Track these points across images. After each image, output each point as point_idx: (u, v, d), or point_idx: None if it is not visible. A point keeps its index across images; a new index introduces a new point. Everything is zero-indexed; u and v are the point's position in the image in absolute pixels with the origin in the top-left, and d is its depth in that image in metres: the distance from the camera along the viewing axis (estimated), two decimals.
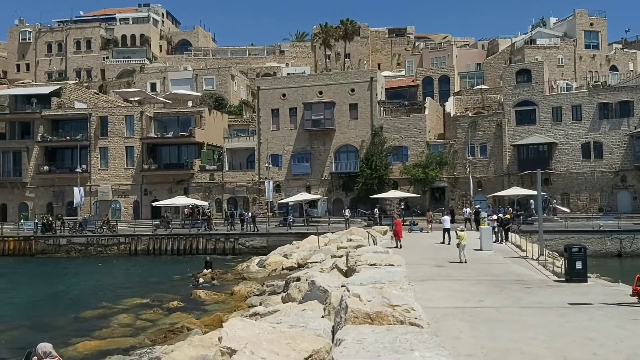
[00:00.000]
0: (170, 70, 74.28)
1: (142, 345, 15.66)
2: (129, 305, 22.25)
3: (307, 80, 55.12)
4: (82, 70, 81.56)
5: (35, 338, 17.27)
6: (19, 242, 43.64)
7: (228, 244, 40.36)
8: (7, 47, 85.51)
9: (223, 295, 23.59)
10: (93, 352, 15.29)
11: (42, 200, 57.16)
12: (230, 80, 70.20)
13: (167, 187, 54.41)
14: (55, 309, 22.87)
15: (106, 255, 41.31)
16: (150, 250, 41.01)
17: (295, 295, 17.50)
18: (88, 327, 18.64)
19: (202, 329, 16.43)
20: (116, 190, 55.81)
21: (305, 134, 52.57)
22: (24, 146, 57.77)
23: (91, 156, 56.27)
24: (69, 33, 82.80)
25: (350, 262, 17.35)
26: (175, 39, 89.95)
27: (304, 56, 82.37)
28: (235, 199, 53.78)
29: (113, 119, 56.38)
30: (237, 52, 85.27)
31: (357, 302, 9.11)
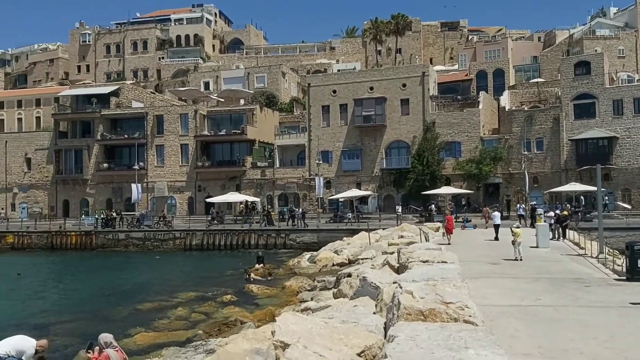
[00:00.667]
0: (222, 69, 75.55)
1: (197, 338, 16.02)
2: (184, 299, 22.79)
3: (358, 76, 54.94)
4: (139, 71, 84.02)
5: (96, 329, 17.96)
6: (81, 236, 45.38)
7: (279, 239, 40.72)
8: (68, 50, 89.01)
9: (275, 290, 23.85)
10: (151, 343, 15.74)
11: (102, 197, 59.28)
12: (281, 77, 70.78)
13: (220, 183, 55.40)
14: (114, 301, 23.69)
15: (162, 249, 42.44)
16: (204, 245, 41.85)
17: (347, 291, 17.52)
18: (146, 319, 19.20)
19: (254, 323, 16.67)
20: (172, 187, 57.28)
21: (356, 130, 52.45)
22: (84, 144, 60.03)
23: (148, 154, 57.91)
24: (126, 34, 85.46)
25: (402, 258, 17.22)
26: (227, 38, 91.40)
27: (355, 52, 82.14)
28: (285, 195, 54.25)
29: (168, 118, 57.85)
30: (287, 49, 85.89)
31: (410, 299, 9.03)
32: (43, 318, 20.16)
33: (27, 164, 62.64)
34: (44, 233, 46.26)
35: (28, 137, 64.14)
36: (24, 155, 62.69)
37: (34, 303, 24.18)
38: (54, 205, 60.88)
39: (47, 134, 62.90)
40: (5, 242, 46.53)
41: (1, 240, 46.72)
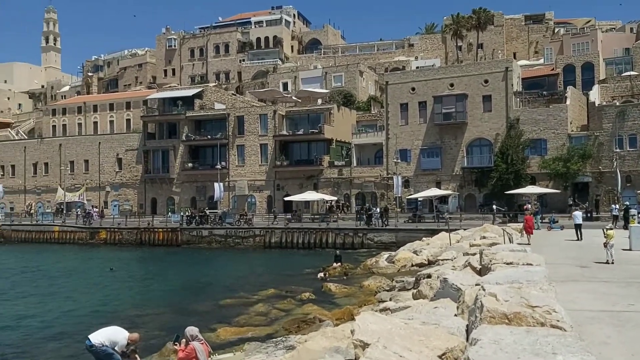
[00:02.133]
0: (300, 70, 76.46)
1: (277, 334, 16.29)
2: (264, 296, 23.24)
3: (438, 72, 53.93)
4: (221, 73, 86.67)
5: (182, 321, 18.67)
6: (167, 233, 47.41)
7: (357, 238, 40.71)
8: (155, 54, 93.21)
9: (352, 289, 23.83)
10: (232, 338, 16.18)
11: (187, 195, 61.64)
12: (358, 76, 70.71)
13: (298, 182, 56.12)
14: (198, 295, 24.54)
15: (243, 247, 43.54)
16: (283, 243, 42.54)
17: (427, 292, 17.21)
18: (228, 314, 19.75)
19: (333, 321, 16.72)
20: (251, 186, 58.67)
21: (436, 127, 51.52)
22: (171, 145, 62.65)
23: (229, 154, 59.61)
24: (209, 38, 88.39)
25: (484, 260, 16.71)
26: (305, 38, 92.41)
27: (434, 48, 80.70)
28: (363, 194, 54.15)
29: (249, 118, 59.28)
30: (365, 48, 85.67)
31: (494, 302, 8.76)
32: (132, 310, 21.20)
33: (119, 163, 66.21)
34: (134, 229, 48.75)
35: (119, 139, 67.75)
36: (116, 155, 66.30)
37: (124, 296, 25.54)
38: (143, 203, 63.98)
39: (137, 135, 66.18)
40: (98, 237, 49.49)
41: (95, 236, 49.73)
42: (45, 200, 68.33)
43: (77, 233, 51.02)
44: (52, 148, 70.02)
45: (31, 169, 70.81)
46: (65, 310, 21.79)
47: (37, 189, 69.93)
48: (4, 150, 73.26)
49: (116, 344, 10.44)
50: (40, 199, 69.16)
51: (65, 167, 67.38)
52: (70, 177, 67.11)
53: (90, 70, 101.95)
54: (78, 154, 68.29)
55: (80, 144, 68.99)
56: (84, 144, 68.76)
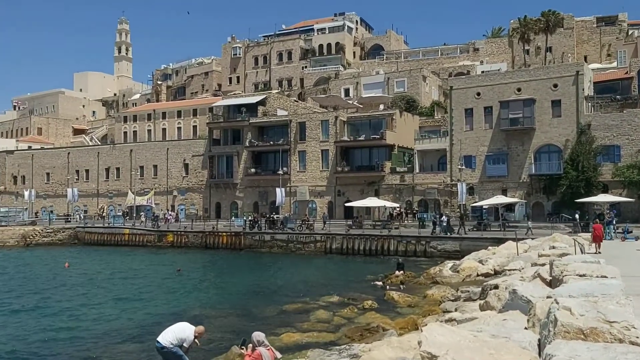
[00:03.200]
0: (362, 75, 76.37)
1: (340, 341, 16.22)
2: (326, 302, 23.23)
3: (504, 77, 52.54)
4: (284, 80, 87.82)
5: (246, 325, 18.97)
6: (231, 236, 48.31)
7: (419, 246, 40.07)
8: (221, 63, 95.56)
9: (416, 298, 23.44)
10: (296, 343, 16.24)
11: (250, 200, 62.68)
12: (421, 81, 69.94)
13: (359, 188, 55.94)
14: (261, 299, 24.84)
15: (304, 252, 43.74)
16: (343, 250, 42.46)
17: (494, 303, 16.70)
18: (290, 320, 19.86)
19: (396, 331, 16.50)
20: (312, 191, 58.97)
21: (502, 133, 50.17)
22: (235, 151, 63.94)
23: (291, 159, 60.21)
24: (272, 46, 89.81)
25: (555, 271, 16.08)
26: (368, 44, 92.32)
27: (500, 52, 78.79)
28: (426, 201, 53.35)
29: (310, 124, 59.70)
30: (429, 53, 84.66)
31: (568, 316, 8.40)
32: (198, 312, 21.67)
33: (185, 169, 68.16)
34: (199, 233, 49.97)
35: (186, 145, 69.76)
36: (183, 161, 68.30)
37: (190, 297, 26.16)
38: (208, 207, 65.56)
39: (203, 142, 67.96)
40: (166, 240, 51.05)
41: (163, 239, 51.33)
42: (117, 204, 71.21)
43: (145, 236, 52.82)
44: (124, 153, 72.93)
45: (104, 173, 74.00)
46: (135, 311, 22.55)
47: (109, 193, 72.99)
48: (79, 156, 76.95)
49: (184, 341, 10.72)
50: (112, 203, 72.14)
51: (135, 172, 70.00)
52: (139, 181, 69.64)
53: (160, 78, 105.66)
54: (147, 159, 70.80)
55: (150, 150, 71.54)
56: (153, 150, 71.24)
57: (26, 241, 56.37)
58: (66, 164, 76.77)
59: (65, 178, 75.13)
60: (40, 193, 75.31)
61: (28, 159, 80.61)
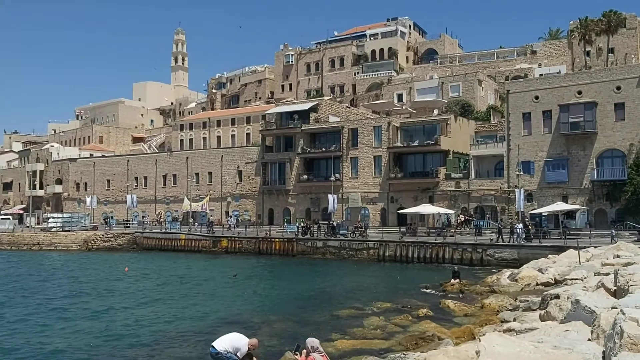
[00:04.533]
0: (416, 80, 75.57)
1: (394, 349, 15.94)
2: (379, 309, 22.95)
3: (564, 80, 50.81)
4: (336, 86, 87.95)
5: (299, 330, 18.92)
6: (283, 243, 48.58)
7: (475, 254, 39.14)
8: (274, 70, 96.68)
9: (472, 307, 22.84)
10: (349, 350, 16.05)
11: (302, 206, 62.91)
12: (477, 85, 68.57)
13: (413, 195, 55.18)
14: (314, 305, 24.77)
15: (357, 259, 43.48)
16: (397, 257, 41.96)
17: (555, 313, 16.04)
18: (343, 326, 19.69)
19: (452, 340, 16.09)
20: (365, 198, 58.62)
21: (562, 138, 48.47)
22: (287, 158, 64.40)
23: (343, 166, 60.08)
24: (324, 53, 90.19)
25: (620, 281, 15.33)
26: (421, 49, 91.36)
27: (559, 55, 76.34)
28: (482, 208, 52.07)
29: (362, 130, 59.44)
30: (484, 56, 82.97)
31: (635, 327, 7.99)
32: (252, 317, 21.79)
33: (239, 175, 69.15)
34: (252, 239, 50.50)
35: (240, 152, 70.80)
36: (237, 168, 69.33)
37: (244, 302, 26.37)
38: (261, 214, 66.23)
39: (256, 149, 68.81)
40: (220, 246, 51.84)
41: (217, 244, 52.15)
42: (173, 210, 72.93)
43: (201, 241, 53.81)
44: (180, 161, 74.72)
45: (161, 180, 75.98)
46: (191, 315, 22.89)
47: (166, 199, 74.88)
48: (138, 163, 79.35)
49: (238, 350, 10.72)
50: (169, 209, 73.95)
51: (191, 179, 71.52)
52: (195, 188, 71.11)
53: (214, 87, 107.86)
54: (203, 166, 72.26)
55: (205, 157, 72.99)
56: (208, 157, 72.65)
57: (88, 246, 58.50)
58: (126, 171, 79.32)
59: (124, 185, 77.59)
60: (101, 199, 78.08)
61: (90, 166, 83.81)
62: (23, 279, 35.76)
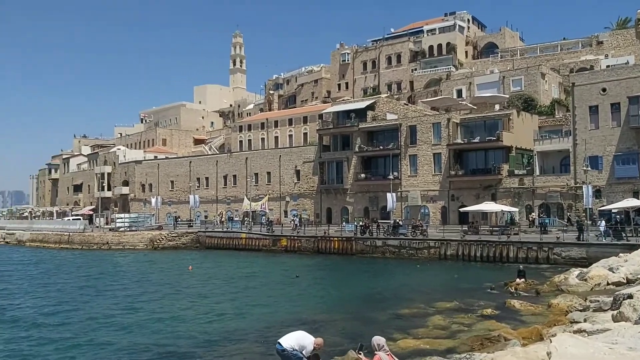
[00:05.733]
0: (475, 75, 73.95)
1: (458, 349, 15.65)
2: (442, 308, 22.61)
3: (632, 70, 48.46)
4: (393, 84, 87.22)
5: (361, 329, 18.88)
6: (342, 242, 48.59)
7: (541, 253, 37.92)
8: (330, 70, 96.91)
9: (539, 307, 22.16)
10: (413, 349, 15.88)
11: (360, 205, 62.76)
12: (539, 79, 66.45)
13: (474, 192, 54.03)
14: (375, 304, 24.65)
15: (417, 258, 42.96)
16: (459, 256, 41.21)
17: (629, 314, 15.32)
18: (406, 325, 19.50)
19: (519, 341, 15.64)
20: (424, 196, 57.86)
21: (632, 131, 46.26)
22: (344, 156, 64.40)
23: (401, 164, 59.50)
24: (381, 50, 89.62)
25: None
26: (481, 43, 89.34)
27: (627, 45, 72.91)
28: (547, 205, 50.39)
29: (421, 128, 58.69)
30: (547, 48, 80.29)
31: None
32: (314, 316, 21.90)
33: (297, 175, 69.73)
34: (311, 238, 50.77)
35: (297, 151, 71.39)
36: (294, 167, 69.94)
37: (306, 301, 26.55)
38: (319, 213, 66.53)
39: (313, 148, 69.18)
40: (280, 244, 52.42)
41: (277, 243, 52.76)
42: (234, 209, 74.33)
43: (261, 240, 54.58)
44: (239, 161, 76.10)
45: (222, 180, 77.67)
46: (254, 313, 23.24)
47: (226, 199, 76.46)
48: (200, 164, 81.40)
49: (304, 348, 10.79)
50: (229, 208, 75.45)
51: (250, 179, 72.73)
52: (254, 188, 72.25)
53: (272, 88, 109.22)
54: (261, 167, 73.33)
55: (263, 157, 74.05)
56: (266, 157, 73.66)
57: (153, 245, 60.45)
58: (188, 172, 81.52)
59: (187, 185, 79.79)
60: (165, 200, 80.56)
61: (154, 168, 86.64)
62: (100, 278, 37.01)
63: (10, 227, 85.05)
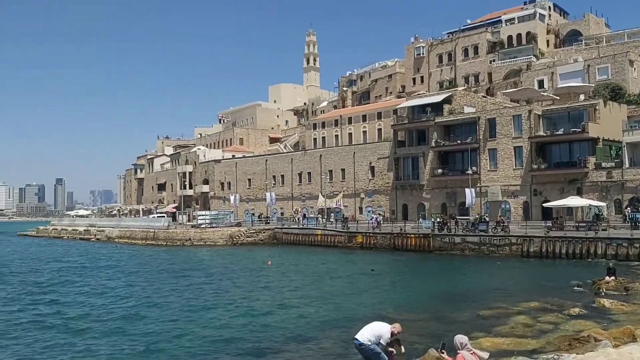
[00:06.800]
0: (558, 65, 70.76)
1: (545, 349, 14.99)
2: (525, 308, 21.74)
3: None
4: (470, 76, 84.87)
5: (441, 328, 18.51)
6: (419, 238, 47.90)
7: (632, 249, 35.77)
8: (404, 64, 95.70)
9: (632, 306, 20.90)
10: (496, 349, 15.34)
11: (437, 201, 61.61)
12: (627, 66, 62.74)
13: (558, 187, 51.74)
14: (454, 302, 24.08)
15: (498, 255, 41.67)
16: (542, 253, 39.60)
17: None
18: (487, 324, 18.91)
19: (611, 341, 14.76)
20: (505, 191, 56.00)
21: None
22: (420, 152, 63.41)
23: (480, 158, 57.86)
24: (457, 42, 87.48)
25: None
26: (563, 31, 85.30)
27: None
28: (638, 199, 47.41)
29: (501, 120, 56.81)
30: (635, 34, 75.45)
31: None
32: (393, 313, 21.62)
33: (371, 171, 69.40)
34: (387, 234, 50.38)
35: (372, 148, 71.04)
36: (369, 164, 69.65)
37: (383, 298, 26.37)
38: (394, 209, 65.91)
39: (388, 144, 68.59)
40: (355, 241, 52.38)
41: (352, 240, 52.75)
42: (309, 206, 75.07)
43: (336, 237, 54.77)
44: (314, 159, 76.73)
45: (297, 178, 78.64)
46: (332, 310, 23.29)
47: (302, 196, 77.33)
48: (275, 162, 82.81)
49: (381, 337, 10.80)
50: (304, 205, 76.27)
51: (324, 176, 73.14)
52: (329, 185, 72.59)
53: (345, 85, 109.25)
54: (336, 164, 73.56)
55: (337, 154, 74.25)
56: (341, 154, 73.80)
57: (233, 241, 62.14)
58: (264, 170, 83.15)
59: (264, 183, 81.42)
60: (243, 197, 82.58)
61: (232, 166, 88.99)
62: (191, 273, 38.05)
63: (100, 225, 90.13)
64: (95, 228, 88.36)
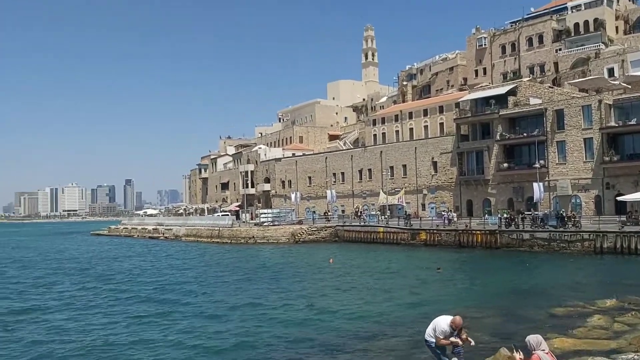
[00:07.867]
0: (629, 52, 67.25)
1: (624, 350, 14.24)
2: (602, 307, 20.81)
3: None
4: (535, 66, 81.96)
5: (511, 327, 18.01)
6: (485, 235, 46.80)
7: None
8: (466, 56, 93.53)
9: None
10: (570, 350, 14.77)
11: (503, 196, 59.92)
12: None
13: (632, 179, 49.26)
14: (525, 301, 23.36)
15: (569, 251, 40.16)
16: (617, 249, 37.85)
17: None
18: (561, 324, 18.20)
19: None
20: (575, 185, 53.82)
21: None
22: (484, 145, 61.81)
23: (548, 151, 55.82)
24: (520, 32, 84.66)
25: None
26: (632, 16, 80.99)
27: None
28: None
29: (569, 111, 54.61)
30: None
31: None
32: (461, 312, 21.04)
33: (434, 167, 68.27)
34: (452, 231, 49.52)
35: (434, 143, 69.86)
36: (431, 159, 68.54)
37: (452, 297, 25.85)
38: (459, 205, 64.60)
39: (450, 138, 67.27)
40: (419, 238, 51.75)
41: (416, 237, 52.13)
42: (370, 203, 74.72)
43: (399, 234, 54.30)
44: (374, 155, 76.26)
45: (357, 175, 78.39)
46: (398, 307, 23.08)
47: (362, 193, 77.06)
48: (335, 160, 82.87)
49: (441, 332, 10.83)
50: (365, 202, 75.97)
51: (385, 173, 72.57)
52: (390, 181, 71.97)
53: (405, 79, 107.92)
54: (397, 160, 72.83)
55: (398, 150, 73.47)
56: (402, 150, 72.99)
57: (295, 238, 62.73)
58: (324, 167, 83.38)
59: (324, 181, 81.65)
60: (304, 195, 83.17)
61: (293, 165, 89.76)
62: (259, 271, 38.55)
63: (167, 224, 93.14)
64: (163, 227, 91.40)
